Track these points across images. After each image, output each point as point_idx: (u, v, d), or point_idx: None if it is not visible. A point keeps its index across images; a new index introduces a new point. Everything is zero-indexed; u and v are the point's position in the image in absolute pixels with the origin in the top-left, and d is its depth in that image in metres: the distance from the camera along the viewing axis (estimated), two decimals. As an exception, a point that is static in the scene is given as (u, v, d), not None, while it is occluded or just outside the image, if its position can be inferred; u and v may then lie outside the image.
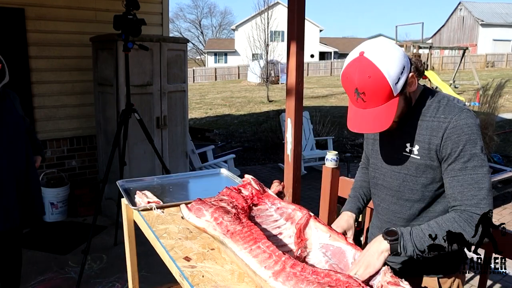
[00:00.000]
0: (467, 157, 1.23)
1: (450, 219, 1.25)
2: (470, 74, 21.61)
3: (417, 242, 1.22)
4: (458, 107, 1.27)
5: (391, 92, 1.21)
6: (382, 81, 1.19)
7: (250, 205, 1.59)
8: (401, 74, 1.21)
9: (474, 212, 1.22)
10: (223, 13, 73.83)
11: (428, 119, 1.30)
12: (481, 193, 1.22)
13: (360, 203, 1.64)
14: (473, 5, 38.29)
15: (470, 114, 1.25)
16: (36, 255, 3.49)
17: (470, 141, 1.22)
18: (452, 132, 1.24)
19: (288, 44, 2.46)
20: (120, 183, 2.04)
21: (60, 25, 4.34)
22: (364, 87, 1.20)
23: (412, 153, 1.33)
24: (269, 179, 3.81)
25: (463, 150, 1.23)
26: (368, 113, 1.24)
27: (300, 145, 2.59)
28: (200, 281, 1.25)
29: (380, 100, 1.22)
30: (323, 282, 1.10)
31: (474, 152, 1.22)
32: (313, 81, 24.56)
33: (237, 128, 10.55)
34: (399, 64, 1.20)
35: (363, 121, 1.25)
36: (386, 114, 1.23)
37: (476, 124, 1.24)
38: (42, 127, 4.37)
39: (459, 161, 1.24)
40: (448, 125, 1.24)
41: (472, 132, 1.22)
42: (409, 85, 1.27)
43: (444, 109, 1.28)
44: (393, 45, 1.24)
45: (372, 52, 1.20)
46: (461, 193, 1.24)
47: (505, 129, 9.11)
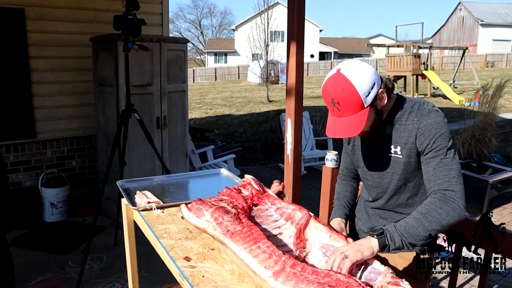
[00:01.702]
0: (438, 147, 1.42)
1: (427, 203, 1.40)
2: (470, 74, 21.61)
3: (402, 231, 1.34)
4: (427, 109, 1.47)
5: (362, 103, 1.40)
6: (354, 93, 1.39)
7: (250, 205, 1.59)
8: (371, 89, 1.41)
9: (446, 189, 1.38)
10: (223, 13, 73.93)
11: (404, 123, 1.49)
12: (451, 173, 1.39)
13: (346, 210, 1.76)
14: (473, 5, 38.28)
15: (438, 113, 1.45)
16: (36, 255, 3.49)
17: (440, 134, 1.42)
18: (424, 130, 1.44)
19: (288, 44, 2.46)
20: (120, 183, 2.04)
21: (60, 25, 4.34)
22: (338, 98, 1.40)
23: (397, 154, 1.52)
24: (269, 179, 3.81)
25: (434, 142, 1.42)
26: (343, 121, 1.44)
27: (300, 145, 2.59)
28: (200, 281, 1.25)
29: (352, 110, 1.41)
30: (323, 282, 1.10)
31: (443, 143, 1.41)
32: (313, 81, 24.55)
33: (237, 128, 10.55)
34: (369, 80, 1.41)
35: (338, 128, 1.45)
36: (358, 122, 1.42)
37: (444, 121, 1.45)
38: (42, 127, 4.37)
39: (432, 151, 1.43)
40: (420, 125, 1.45)
41: (441, 127, 1.42)
42: (379, 100, 1.46)
43: (416, 113, 1.48)
44: (366, 65, 1.45)
45: (347, 69, 1.42)
46: (434, 175, 1.41)
47: (505, 129, 9.11)
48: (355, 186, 1.83)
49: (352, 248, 1.28)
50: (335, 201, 1.81)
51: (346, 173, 1.84)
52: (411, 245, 1.36)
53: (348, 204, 1.77)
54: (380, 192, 1.63)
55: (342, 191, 1.82)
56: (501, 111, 7.84)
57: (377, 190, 1.64)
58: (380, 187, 1.62)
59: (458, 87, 18.57)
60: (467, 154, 6.03)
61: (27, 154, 4.33)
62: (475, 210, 4.69)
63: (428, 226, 1.34)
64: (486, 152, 6.00)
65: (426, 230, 1.33)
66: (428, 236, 1.34)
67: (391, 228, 1.35)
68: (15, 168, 4.28)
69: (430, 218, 1.34)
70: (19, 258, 3.43)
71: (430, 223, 1.34)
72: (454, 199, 1.35)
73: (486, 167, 5.07)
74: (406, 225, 1.35)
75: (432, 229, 1.34)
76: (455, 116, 9.36)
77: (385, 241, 1.32)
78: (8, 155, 4.23)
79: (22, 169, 4.32)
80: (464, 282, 3.11)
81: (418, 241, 1.34)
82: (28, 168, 4.34)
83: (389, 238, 1.33)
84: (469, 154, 6.02)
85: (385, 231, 1.34)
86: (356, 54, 39.77)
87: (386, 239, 1.32)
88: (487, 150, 6.01)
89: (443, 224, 1.34)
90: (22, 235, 3.86)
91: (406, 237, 1.33)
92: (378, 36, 46.20)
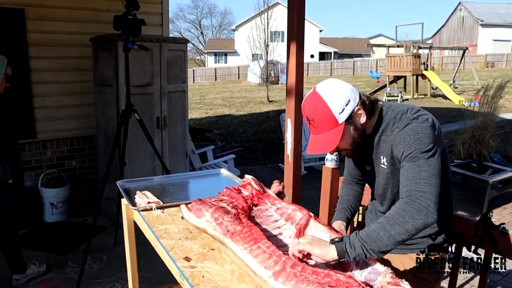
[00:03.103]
0: (413, 153, 1.36)
1: (393, 208, 1.33)
2: (470, 74, 21.61)
3: (364, 236, 1.25)
4: (407, 118, 1.43)
5: (335, 120, 1.40)
6: (326, 110, 1.39)
7: (250, 205, 1.59)
8: (345, 105, 1.40)
9: (412, 189, 1.31)
10: (223, 13, 73.94)
11: (388, 134, 1.48)
12: (420, 174, 1.33)
13: (348, 214, 1.74)
14: (473, 5, 38.28)
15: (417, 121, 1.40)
16: (36, 255, 3.49)
17: (414, 140, 1.37)
18: (399, 139, 1.41)
19: (288, 44, 2.46)
20: (120, 183, 2.04)
21: (60, 25, 4.34)
22: (311, 114, 1.43)
23: (384, 165, 1.52)
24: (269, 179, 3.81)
25: (409, 148, 1.37)
26: (318, 137, 1.45)
27: (300, 145, 2.60)
28: (200, 281, 1.25)
29: (326, 126, 1.42)
30: (323, 282, 1.10)
31: (418, 148, 1.36)
32: (313, 81, 24.55)
33: (237, 128, 10.55)
34: (343, 97, 1.40)
35: (315, 144, 1.46)
36: (332, 138, 1.42)
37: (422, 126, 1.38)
38: (42, 127, 4.37)
39: (406, 157, 1.39)
40: (397, 134, 1.43)
41: (416, 133, 1.37)
42: (357, 117, 1.45)
43: (398, 122, 1.45)
44: (344, 83, 1.45)
45: (322, 88, 1.43)
46: (406, 178, 1.36)
47: (505, 129, 9.11)
48: (358, 190, 1.81)
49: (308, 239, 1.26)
50: (338, 205, 1.80)
51: (349, 178, 1.83)
52: (375, 252, 1.24)
53: (349, 208, 1.75)
54: (381, 199, 1.65)
55: (345, 195, 1.81)
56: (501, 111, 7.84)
57: (379, 198, 1.66)
58: (378, 195, 1.64)
59: (458, 87, 18.58)
60: (467, 154, 6.03)
61: (27, 154, 4.32)
62: (475, 210, 4.69)
63: (390, 230, 1.24)
64: (486, 152, 6.00)
65: (389, 234, 1.24)
66: (394, 242, 1.24)
67: (353, 235, 1.27)
68: (15, 168, 4.28)
69: (392, 221, 1.26)
70: (19, 258, 3.44)
71: (393, 226, 1.25)
72: (420, 200, 1.27)
73: (486, 167, 5.07)
74: (368, 230, 1.27)
75: (395, 233, 1.24)
76: (455, 116, 9.36)
77: (343, 248, 1.23)
78: (8, 155, 4.23)
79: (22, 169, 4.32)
80: (464, 282, 3.11)
81: (382, 246, 1.24)
82: (28, 168, 4.34)
83: (348, 245, 1.23)
84: (469, 154, 6.02)
85: (345, 237, 1.26)
86: (356, 54, 39.77)
87: (344, 245, 1.23)
88: (487, 150, 6.01)
89: (408, 227, 1.24)
90: (22, 235, 3.85)
91: (367, 242, 1.23)
92: (378, 36, 46.19)
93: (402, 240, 1.25)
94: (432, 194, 1.29)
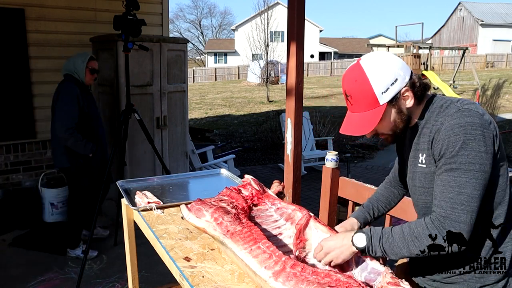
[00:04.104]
0: (455, 159, 1.17)
1: (422, 225, 1.22)
2: (470, 75, 21.62)
3: (386, 247, 1.23)
4: (456, 107, 1.23)
5: (376, 100, 1.24)
6: (367, 86, 1.23)
7: (250, 205, 1.59)
8: (391, 85, 1.23)
9: (445, 216, 1.18)
10: (223, 14, 74.12)
11: (429, 126, 1.28)
12: (460, 198, 1.16)
13: (368, 215, 1.60)
14: (473, 5, 38.29)
15: (468, 113, 1.19)
16: (36, 255, 3.49)
17: (460, 142, 1.16)
18: (443, 133, 1.20)
19: (288, 44, 2.46)
20: (120, 183, 2.04)
21: (60, 26, 4.35)
22: (350, 90, 1.27)
23: (422, 163, 1.31)
24: (269, 179, 3.81)
25: (452, 151, 1.18)
26: (354, 116, 1.29)
27: (300, 145, 2.59)
28: (200, 281, 1.25)
29: (364, 106, 1.25)
30: (323, 283, 1.10)
31: (462, 154, 1.16)
32: (313, 81, 24.56)
33: (237, 129, 10.55)
34: (390, 75, 1.22)
35: (349, 124, 1.30)
36: (369, 120, 1.25)
37: (473, 122, 1.17)
38: (42, 127, 4.37)
39: (447, 162, 1.20)
40: (441, 127, 1.21)
41: (465, 133, 1.16)
42: (403, 99, 1.26)
43: (444, 112, 1.25)
44: (393, 57, 1.26)
45: (367, 60, 1.26)
46: (441, 193, 1.20)
47: (505, 129, 9.11)
48: (396, 192, 1.63)
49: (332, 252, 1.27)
50: (366, 201, 1.67)
51: (391, 178, 1.64)
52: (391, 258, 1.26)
53: (374, 208, 1.61)
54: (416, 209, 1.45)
55: (379, 193, 1.66)
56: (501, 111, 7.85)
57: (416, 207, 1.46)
58: (415, 205, 1.45)
59: (458, 87, 18.57)
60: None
61: (27, 154, 4.33)
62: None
63: (413, 250, 1.21)
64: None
65: (410, 252, 1.22)
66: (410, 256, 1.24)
67: (375, 241, 1.24)
68: (15, 168, 4.28)
69: (417, 244, 1.20)
70: (19, 258, 3.43)
71: (416, 248, 1.21)
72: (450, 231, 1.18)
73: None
74: (393, 241, 1.23)
75: (416, 252, 1.21)
76: (455, 116, 9.35)
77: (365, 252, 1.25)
78: (8, 155, 4.23)
79: (22, 169, 4.33)
80: (464, 282, 3.10)
81: (399, 258, 1.25)
82: (28, 168, 4.34)
83: (370, 250, 1.25)
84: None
85: (368, 241, 1.25)
86: (356, 54, 39.74)
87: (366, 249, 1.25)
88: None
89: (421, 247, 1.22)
90: (22, 235, 3.86)
91: (388, 253, 1.24)
92: (378, 36, 46.17)
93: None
94: (467, 224, 1.16)
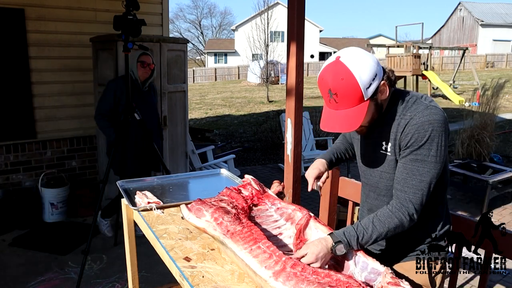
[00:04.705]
0: (421, 151, 1.31)
1: (388, 214, 1.35)
2: (470, 75, 21.62)
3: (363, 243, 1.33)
4: (423, 104, 1.34)
5: (362, 96, 1.29)
6: (354, 84, 1.27)
7: (250, 205, 1.59)
8: (372, 80, 1.29)
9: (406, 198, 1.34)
10: (223, 14, 74.11)
11: (397, 118, 1.38)
12: (421, 185, 1.32)
13: (333, 156, 1.77)
14: (473, 5, 38.29)
15: (435, 111, 1.32)
16: (36, 255, 3.49)
17: (427, 136, 1.30)
18: (413, 127, 1.32)
19: (288, 44, 2.46)
20: (120, 184, 2.04)
21: (60, 26, 4.34)
22: (336, 88, 1.29)
23: (387, 151, 1.42)
24: (269, 179, 3.81)
25: (419, 143, 1.31)
26: (339, 114, 1.33)
27: (300, 145, 2.59)
28: (200, 281, 1.25)
29: (351, 102, 1.30)
30: (323, 282, 1.10)
31: (428, 148, 1.30)
32: (313, 81, 24.54)
33: (237, 129, 10.55)
34: (371, 71, 1.29)
35: (334, 121, 1.34)
36: (356, 116, 1.31)
37: (440, 120, 1.31)
38: (42, 127, 4.37)
39: (412, 152, 1.33)
40: (411, 121, 1.33)
41: (432, 129, 1.29)
42: (381, 93, 1.35)
43: (411, 107, 1.36)
44: (367, 53, 1.33)
45: (348, 58, 1.29)
46: (405, 180, 1.34)
47: (505, 129, 9.11)
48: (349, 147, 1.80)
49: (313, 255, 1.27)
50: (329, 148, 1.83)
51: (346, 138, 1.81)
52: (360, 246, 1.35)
53: (337, 153, 1.77)
54: (371, 190, 1.57)
55: (338, 143, 1.82)
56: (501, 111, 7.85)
57: (368, 188, 1.58)
58: (370, 184, 1.56)
59: (458, 87, 18.58)
60: (466, 154, 6.03)
61: (27, 154, 4.33)
62: (475, 210, 4.69)
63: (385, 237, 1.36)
64: (486, 152, 6.00)
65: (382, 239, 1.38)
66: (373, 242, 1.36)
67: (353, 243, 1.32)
68: (15, 168, 4.28)
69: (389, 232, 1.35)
70: (19, 258, 3.43)
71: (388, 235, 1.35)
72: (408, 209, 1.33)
73: (486, 167, 5.07)
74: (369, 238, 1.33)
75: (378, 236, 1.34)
76: (455, 116, 9.37)
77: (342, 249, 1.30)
78: (8, 155, 4.23)
79: (22, 169, 4.32)
80: (464, 282, 3.11)
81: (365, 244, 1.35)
82: (28, 168, 4.34)
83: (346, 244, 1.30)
84: (469, 154, 6.02)
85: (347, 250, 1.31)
86: (356, 54, 39.67)
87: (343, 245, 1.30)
88: (486, 150, 6.01)
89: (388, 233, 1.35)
90: (22, 235, 3.86)
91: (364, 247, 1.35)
92: (378, 36, 46.19)
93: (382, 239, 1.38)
94: (420, 204, 1.34)
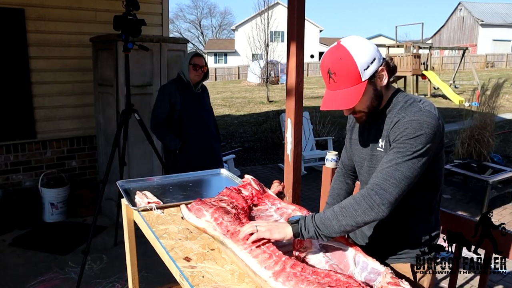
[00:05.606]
0: (404, 144, 1.32)
1: (350, 197, 1.36)
2: (470, 74, 21.62)
3: (318, 223, 1.32)
4: (419, 107, 1.36)
5: (359, 76, 1.34)
6: (351, 63, 1.33)
7: (250, 205, 1.59)
8: (370, 63, 1.35)
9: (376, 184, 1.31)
10: (223, 14, 74.14)
11: (391, 116, 1.41)
12: (395, 173, 1.30)
13: None
14: (473, 5, 38.30)
15: (427, 114, 1.32)
16: (36, 255, 3.49)
17: (413, 133, 1.31)
18: (402, 125, 1.34)
19: (288, 44, 2.46)
20: (120, 184, 2.04)
21: (60, 26, 4.34)
22: (335, 67, 1.35)
23: (381, 148, 1.45)
24: (269, 179, 3.81)
25: (405, 138, 1.32)
26: (338, 93, 1.38)
27: (300, 145, 2.59)
28: (200, 282, 1.25)
29: (348, 82, 1.35)
30: (323, 282, 1.10)
31: (412, 143, 1.31)
32: (313, 81, 24.55)
33: (237, 129, 10.55)
34: (370, 54, 1.35)
35: (332, 100, 1.39)
36: (353, 95, 1.36)
37: (430, 123, 1.31)
38: (42, 127, 4.37)
39: (396, 145, 1.33)
40: (401, 119, 1.35)
41: (420, 128, 1.30)
42: (379, 79, 1.40)
43: (407, 108, 1.38)
44: (369, 41, 1.39)
45: (348, 41, 1.37)
46: (381, 167, 1.34)
47: (505, 129, 9.12)
48: (350, 183, 1.79)
49: (266, 226, 1.32)
50: (328, 198, 1.78)
51: (342, 168, 1.79)
52: (326, 237, 1.33)
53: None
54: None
55: (337, 188, 1.79)
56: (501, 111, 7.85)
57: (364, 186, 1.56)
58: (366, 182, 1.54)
59: (459, 87, 18.59)
60: (466, 154, 6.03)
61: (27, 154, 4.33)
62: (475, 210, 4.70)
63: (342, 221, 1.30)
64: (486, 152, 6.00)
65: (340, 224, 1.31)
66: (344, 231, 1.31)
67: (308, 219, 1.34)
68: (15, 168, 4.28)
69: (346, 213, 1.31)
70: (19, 258, 3.43)
71: (345, 217, 1.30)
72: (379, 197, 1.29)
73: (486, 167, 5.07)
74: (323, 216, 1.33)
75: (346, 224, 1.30)
76: (454, 116, 9.37)
77: (298, 230, 1.32)
78: (8, 155, 4.23)
79: (22, 169, 4.32)
80: (464, 282, 3.11)
81: (333, 233, 1.32)
82: (28, 168, 4.34)
83: (303, 228, 1.32)
84: (469, 154, 6.03)
85: (301, 220, 1.34)
86: (356, 54, 39.65)
87: (299, 227, 1.32)
88: (486, 150, 6.01)
89: (358, 220, 1.30)
90: (22, 235, 3.86)
91: (320, 228, 1.31)
92: (378, 36, 46.15)
93: (351, 230, 1.33)
94: (393, 196, 1.29)
